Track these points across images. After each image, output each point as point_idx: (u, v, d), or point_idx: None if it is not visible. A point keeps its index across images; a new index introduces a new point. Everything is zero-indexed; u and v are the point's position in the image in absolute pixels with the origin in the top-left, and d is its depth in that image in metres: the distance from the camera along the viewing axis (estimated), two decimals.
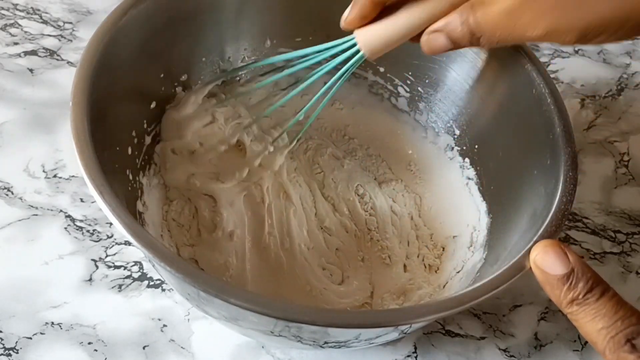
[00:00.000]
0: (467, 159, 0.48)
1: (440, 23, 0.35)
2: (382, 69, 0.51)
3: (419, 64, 0.49)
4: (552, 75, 0.64)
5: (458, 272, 0.45)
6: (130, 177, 0.42)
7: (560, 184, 0.37)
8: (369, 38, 0.39)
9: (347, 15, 0.38)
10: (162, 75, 0.45)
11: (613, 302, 0.30)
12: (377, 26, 0.38)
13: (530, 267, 0.33)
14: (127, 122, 0.42)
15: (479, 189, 0.47)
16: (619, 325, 0.29)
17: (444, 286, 0.45)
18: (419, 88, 0.50)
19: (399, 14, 0.37)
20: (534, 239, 0.34)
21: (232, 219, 0.47)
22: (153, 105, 0.45)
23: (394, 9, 0.37)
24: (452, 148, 0.49)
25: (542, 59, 0.66)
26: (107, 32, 0.38)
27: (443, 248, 0.48)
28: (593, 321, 0.30)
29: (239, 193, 0.48)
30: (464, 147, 0.49)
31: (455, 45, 0.35)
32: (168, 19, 0.43)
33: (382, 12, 0.38)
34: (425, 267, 0.48)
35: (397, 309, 0.41)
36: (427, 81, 0.50)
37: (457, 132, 0.49)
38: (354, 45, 0.39)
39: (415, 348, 0.46)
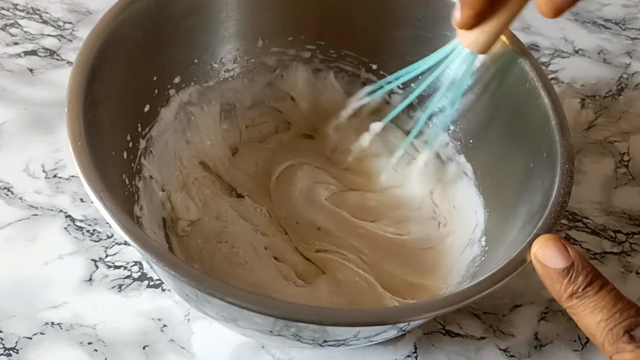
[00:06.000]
0: (462, 154, 0.48)
1: None
2: (374, 66, 0.51)
3: (412, 60, 0.49)
4: (552, 76, 0.64)
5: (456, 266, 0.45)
6: (127, 182, 0.42)
7: (557, 177, 0.37)
8: (473, 36, 0.39)
9: (460, 16, 0.37)
10: (155, 78, 0.45)
11: (612, 295, 0.30)
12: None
13: (531, 261, 0.33)
14: (122, 126, 0.42)
15: (474, 183, 0.47)
16: (618, 317, 0.30)
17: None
18: (412, 85, 0.50)
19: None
20: (533, 232, 0.34)
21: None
22: (147, 108, 0.45)
23: None
24: (447, 144, 0.49)
25: (542, 59, 0.66)
26: (101, 35, 0.38)
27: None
28: (592, 314, 0.30)
29: None
30: (459, 143, 0.49)
31: None
32: (161, 20, 0.43)
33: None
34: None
35: (396, 307, 0.41)
36: (420, 78, 0.50)
37: (452, 127, 0.49)
38: (457, 47, 0.40)
39: (416, 348, 0.46)
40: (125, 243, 0.49)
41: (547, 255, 0.32)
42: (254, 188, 0.51)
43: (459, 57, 0.41)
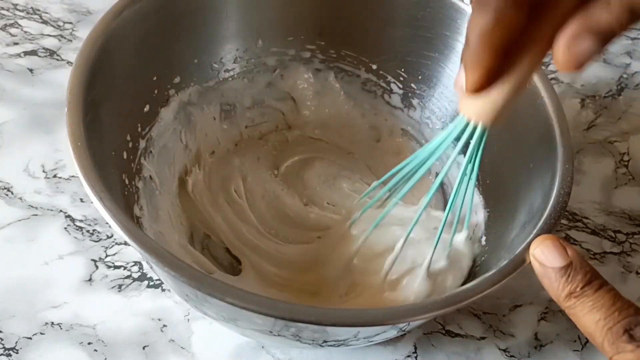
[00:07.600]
0: (461, 154, 0.48)
1: (575, 25, 0.26)
2: (374, 66, 0.51)
3: (412, 60, 0.49)
4: (552, 76, 0.64)
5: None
6: (127, 182, 0.42)
7: (557, 177, 0.37)
8: (479, 105, 0.31)
9: (465, 80, 0.29)
10: (155, 78, 0.45)
11: (610, 295, 0.30)
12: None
13: (530, 262, 0.33)
14: (122, 126, 0.42)
15: (474, 183, 0.47)
16: (617, 316, 0.29)
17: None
18: (412, 85, 0.50)
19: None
20: (533, 232, 0.34)
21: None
22: (147, 108, 0.45)
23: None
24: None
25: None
26: (101, 35, 0.38)
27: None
28: (590, 313, 0.30)
29: None
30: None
31: (607, 39, 0.26)
32: (161, 20, 0.43)
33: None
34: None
35: (396, 307, 0.41)
36: (420, 78, 0.50)
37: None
38: (467, 123, 0.33)
39: (416, 348, 0.46)
40: (125, 243, 0.49)
41: (545, 254, 0.32)
42: None
43: (464, 135, 0.34)
